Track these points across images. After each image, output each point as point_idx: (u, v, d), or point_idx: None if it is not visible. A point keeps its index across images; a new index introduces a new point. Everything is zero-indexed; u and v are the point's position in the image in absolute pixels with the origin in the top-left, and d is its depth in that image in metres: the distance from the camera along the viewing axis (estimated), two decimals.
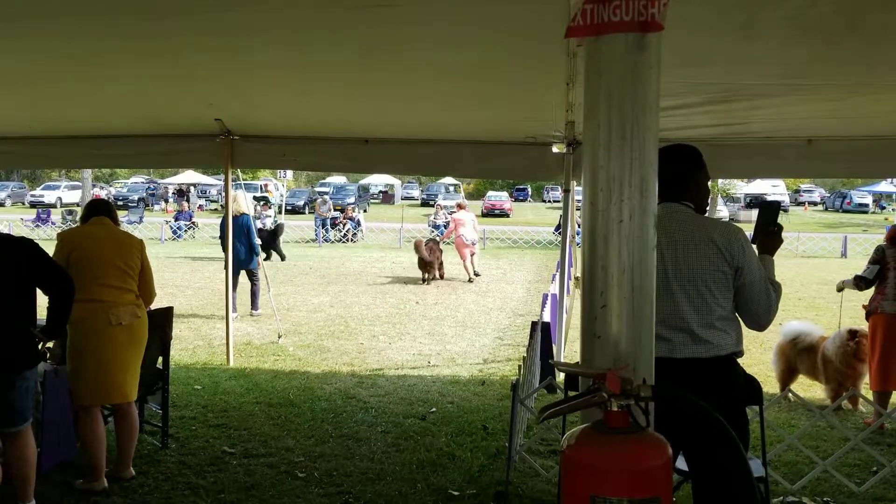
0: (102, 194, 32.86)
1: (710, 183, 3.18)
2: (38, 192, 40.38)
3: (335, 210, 27.88)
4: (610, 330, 2.19)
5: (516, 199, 48.47)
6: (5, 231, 3.94)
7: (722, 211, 36.11)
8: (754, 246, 2.99)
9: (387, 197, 48.48)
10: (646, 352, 2.21)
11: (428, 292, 12.97)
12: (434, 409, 5.95)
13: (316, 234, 24.28)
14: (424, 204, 44.60)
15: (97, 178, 44.80)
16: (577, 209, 7.31)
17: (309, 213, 37.09)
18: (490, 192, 43.57)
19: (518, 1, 3.50)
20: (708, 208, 3.23)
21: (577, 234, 4.72)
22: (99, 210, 4.46)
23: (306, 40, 4.70)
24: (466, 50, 4.71)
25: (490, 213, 39.47)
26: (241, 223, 9.45)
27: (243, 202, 9.86)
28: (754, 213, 4.06)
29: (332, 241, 24.31)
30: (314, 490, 4.36)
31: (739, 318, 2.92)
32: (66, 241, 4.18)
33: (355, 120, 6.19)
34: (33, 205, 37.49)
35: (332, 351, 8.10)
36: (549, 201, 48.97)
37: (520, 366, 4.89)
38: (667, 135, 4.24)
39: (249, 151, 6.74)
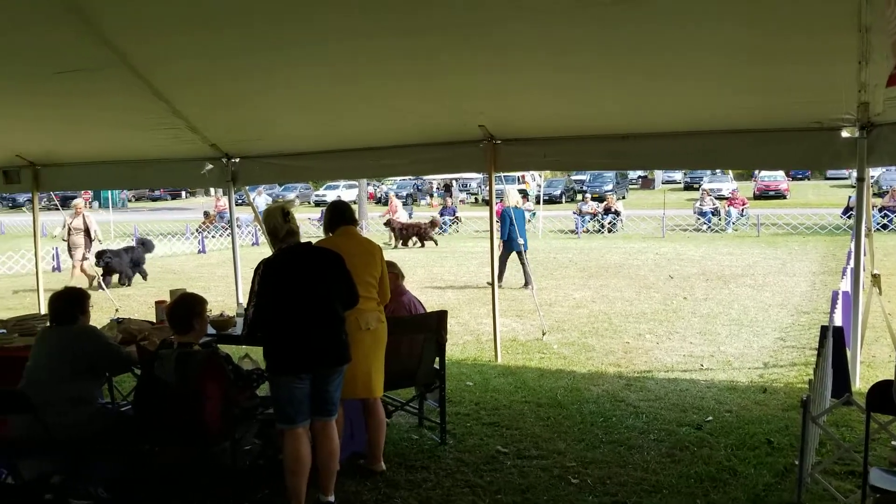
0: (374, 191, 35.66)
1: None
2: (321, 192, 44.71)
3: (593, 199, 27.63)
4: None
5: (794, 178, 44.05)
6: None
7: None
8: None
9: (646, 182, 47.00)
10: None
11: (696, 287, 12.34)
12: (710, 418, 5.64)
13: (576, 225, 24.24)
14: (688, 188, 42.54)
15: (371, 176, 48.63)
16: (877, 196, 6.49)
17: (566, 202, 37.22)
18: (763, 172, 40.01)
19: None
20: None
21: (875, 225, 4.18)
22: (344, 217, 4.76)
23: (564, 42, 4.72)
24: (738, 34, 4.42)
25: (763, 195, 36.56)
26: (503, 215, 11.63)
27: (512, 196, 12.28)
28: None
29: (591, 232, 24.12)
30: (588, 498, 4.35)
31: None
32: None
33: (613, 117, 6.08)
34: (317, 203, 41.77)
35: (596, 350, 8.03)
36: (834, 178, 43.76)
37: (810, 380, 4.44)
38: None
39: (511, 154, 6.89)
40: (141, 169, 8.18)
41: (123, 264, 14.30)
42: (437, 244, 20.97)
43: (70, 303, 4.40)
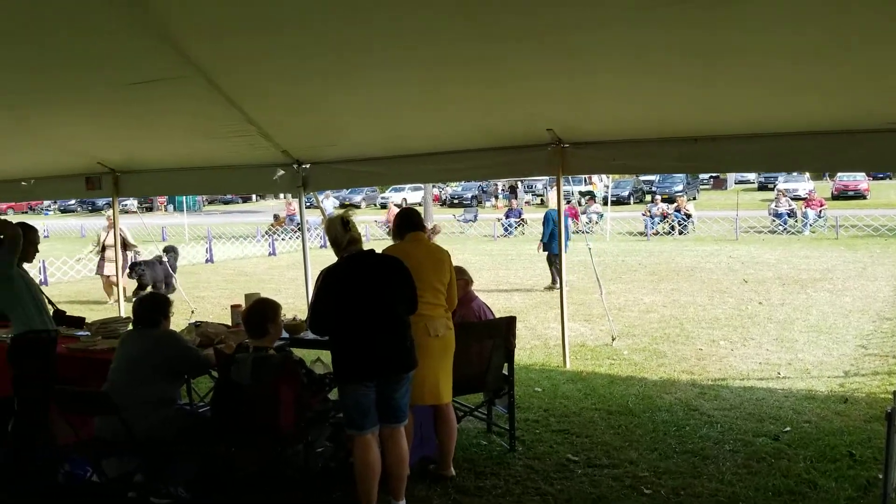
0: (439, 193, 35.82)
1: None
2: (386, 194, 45.12)
3: (662, 201, 27.11)
4: None
5: (874, 178, 42.16)
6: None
7: None
8: None
9: (718, 182, 45.76)
10: None
11: (772, 291, 11.97)
12: (788, 429, 5.46)
13: (645, 227, 23.83)
14: (762, 188, 41.25)
15: (438, 181, 48.87)
16: None
17: (634, 203, 36.63)
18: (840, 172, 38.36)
19: None
20: None
21: None
22: (413, 224, 4.77)
23: (636, 45, 4.64)
24: (819, 37, 4.27)
25: (842, 195, 35.19)
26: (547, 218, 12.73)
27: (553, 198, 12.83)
28: None
29: (661, 234, 23.67)
30: None
31: None
32: None
33: (685, 119, 5.95)
34: (383, 206, 42.21)
35: (668, 356, 7.87)
36: None
37: (895, 392, 4.26)
38: None
39: (580, 157, 6.81)
40: (215, 175, 8.39)
41: (158, 275, 13.47)
42: None
43: (153, 307, 4.55)
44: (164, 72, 5.42)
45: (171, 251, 14.47)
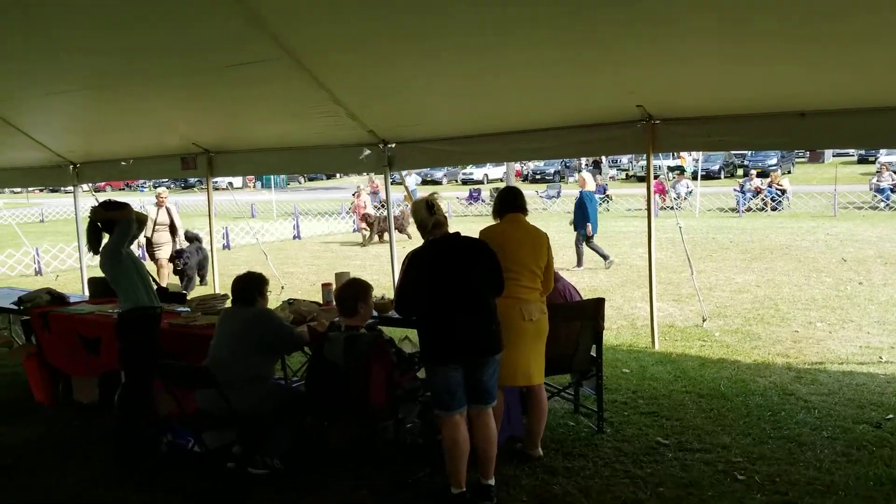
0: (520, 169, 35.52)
1: None
2: (468, 170, 45.07)
3: (756, 176, 26.13)
4: None
5: None
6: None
7: None
8: None
9: (815, 155, 43.69)
10: None
11: (874, 271, 11.39)
12: (891, 416, 5.22)
13: (737, 203, 23.03)
14: (862, 161, 39.20)
15: (523, 159, 48.42)
16: None
17: (725, 178, 35.43)
18: None
19: None
20: None
21: None
22: (514, 204, 4.71)
23: (733, 12, 4.44)
24: None
25: None
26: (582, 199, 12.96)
27: (588, 180, 13.59)
28: None
29: (753, 210, 22.83)
30: (756, 496, 4.15)
31: None
32: (490, 241, 4.42)
33: (790, 92, 5.66)
34: (464, 182, 42.20)
35: (762, 338, 7.61)
36: None
37: None
38: None
39: (671, 134, 6.61)
40: (303, 155, 8.56)
41: (193, 267, 12.23)
42: (410, 237, 17.48)
43: (250, 286, 4.71)
44: (257, 55, 5.57)
45: (194, 240, 12.62)
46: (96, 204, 5.26)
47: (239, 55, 5.66)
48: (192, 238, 12.55)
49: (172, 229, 11.84)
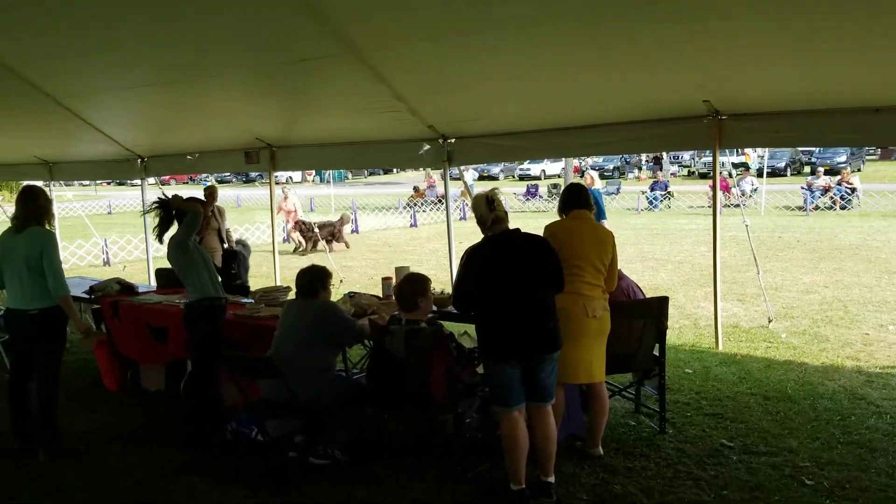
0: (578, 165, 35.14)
1: None
2: (525, 165, 44.78)
3: (824, 173, 25.32)
4: None
5: None
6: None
7: None
8: None
9: (886, 152, 42.05)
10: None
11: None
12: None
13: (804, 201, 22.36)
14: None
15: (583, 154, 47.87)
16: None
17: (791, 175, 34.45)
18: None
19: None
20: None
21: None
22: (579, 201, 4.66)
23: (805, 4, 4.30)
24: None
25: None
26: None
27: (595, 178, 12.69)
28: None
29: (821, 209, 22.13)
30: (825, 502, 4.03)
31: None
32: (555, 236, 4.44)
33: (864, 86, 5.45)
34: (521, 177, 41.95)
35: (831, 340, 7.37)
36: None
37: None
38: None
39: (738, 130, 6.42)
40: (363, 150, 8.62)
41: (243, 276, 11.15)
42: (348, 246, 17.15)
43: (314, 279, 4.77)
44: (321, 50, 5.64)
45: (241, 244, 11.68)
46: (161, 194, 5.40)
47: (303, 50, 5.74)
48: (239, 243, 11.41)
49: (219, 236, 10.43)
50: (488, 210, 4.12)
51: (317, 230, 16.16)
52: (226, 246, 10.56)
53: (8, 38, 6.18)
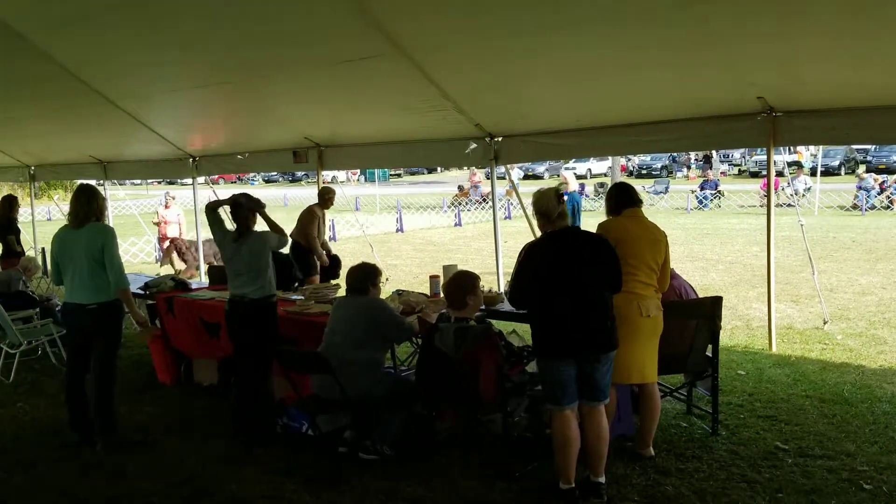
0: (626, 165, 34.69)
1: None
2: (570, 164, 44.38)
3: (879, 171, 24.61)
4: None
5: None
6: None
7: None
8: None
9: None
10: None
11: None
12: None
13: (858, 200, 21.75)
14: None
15: (633, 153, 47.27)
16: None
17: (846, 174, 33.53)
18: None
19: None
20: None
21: None
22: (631, 199, 4.62)
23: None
24: None
25: None
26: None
27: (571, 180, 11.68)
28: None
29: (878, 209, 21.50)
30: None
31: None
32: (609, 234, 4.37)
33: None
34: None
35: (889, 343, 7.16)
36: None
37: None
38: None
39: (794, 128, 6.28)
40: (410, 149, 8.67)
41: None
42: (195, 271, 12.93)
43: (364, 276, 4.81)
44: (369, 50, 5.69)
45: None
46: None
47: (351, 50, 5.80)
48: None
49: None
50: (557, 203, 4.10)
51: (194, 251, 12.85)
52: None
53: (68, 42, 6.39)
